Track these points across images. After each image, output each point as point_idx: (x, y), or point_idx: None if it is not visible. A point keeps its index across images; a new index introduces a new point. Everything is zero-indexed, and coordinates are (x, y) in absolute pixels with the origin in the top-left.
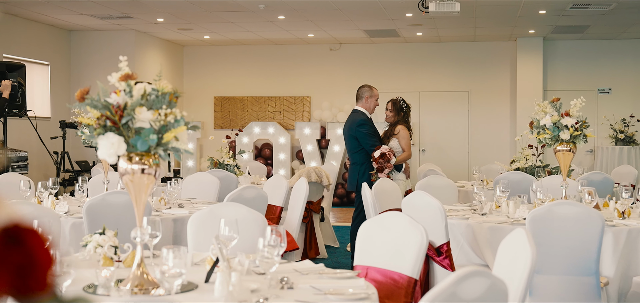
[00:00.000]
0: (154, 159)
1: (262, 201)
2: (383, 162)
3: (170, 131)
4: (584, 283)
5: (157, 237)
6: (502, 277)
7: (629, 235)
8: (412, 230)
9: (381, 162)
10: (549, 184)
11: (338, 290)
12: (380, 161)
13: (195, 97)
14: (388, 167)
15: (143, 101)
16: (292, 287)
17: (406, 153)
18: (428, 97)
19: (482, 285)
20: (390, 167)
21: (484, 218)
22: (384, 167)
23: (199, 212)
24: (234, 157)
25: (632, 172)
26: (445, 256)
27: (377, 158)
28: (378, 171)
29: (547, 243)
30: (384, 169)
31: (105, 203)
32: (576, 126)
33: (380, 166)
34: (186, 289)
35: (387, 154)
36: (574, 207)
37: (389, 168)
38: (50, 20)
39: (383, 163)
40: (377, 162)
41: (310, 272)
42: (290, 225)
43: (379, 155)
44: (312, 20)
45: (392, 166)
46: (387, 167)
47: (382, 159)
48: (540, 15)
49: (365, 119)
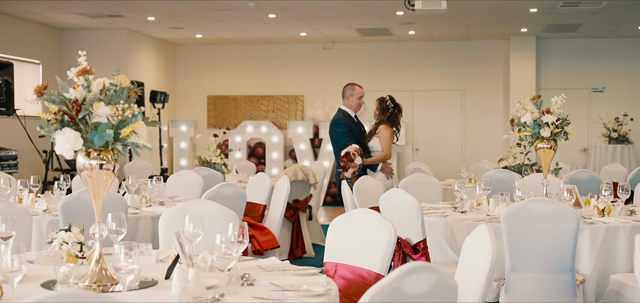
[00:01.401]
0: (112, 154)
1: (240, 199)
2: (346, 161)
3: (127, 126)
4: (560, 280)
5: (122, 233)
6: (464, 274)
7: (606, 232)
8: (380, 227)
9: (344, 161)
10: (532, 182)
11: (295, 287)
12: (343, 160)
13: (189, 97)
14: (352, 166)
15: (102, 96)
16: (253, 283)
17: (384, 153)
18: (421, 96)
19: (428, 281)
20: (355, 166)
21: (463, 215)
22: (348, 166)
23: (170, 209)
24: (224, 156)
25: (621, 171)
26: (421, 253)
27: (341, 157)
28: (343, 170)
29: (522, 241)
30: (348, 169)
31: (80, 201)
32: (557, 123)
33: (345, 166)
34: (146, 285)
35: (351, 154)
36: (549, 204)
37: (353, 168)
38: (41, 19)
39: (346, 162)
40: (341, 160)
41: (275, 268)
42: (271, 223)
43: (343, 154)
44: (303, 19)
45: (357, 166)
46: (351, 166)
47: (346, 158)
48: (532, 13)
49: (341, 118)
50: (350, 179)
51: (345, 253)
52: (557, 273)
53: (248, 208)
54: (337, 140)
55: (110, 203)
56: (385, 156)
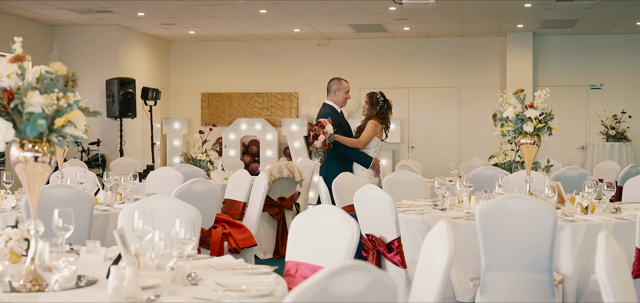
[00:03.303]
0: (48, 146)
1: (212, 197)
2: (317, 128)
3: (62, 116)
4: (537, 280)
5: (69, 230)
6: (422, 272)
7: (588, 230)
8: (342, 224)
9: (315, 129)
10: (516, 180)
11: (238, 286)
12: (314, 128)
13: (182, 94)
14: (323, 133)
15: (39, 84)
16: (197, 283)
17: (357, 140)
18: (417, 93)
19: (361, 281)
20: (326, 134)
21: (441, 213)
22: (319, 133)
23: (130, 205)
24: (217, 154)
25: (614, 168)
26: (396, 252)
27: (312, 126)
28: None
29: (497, 239)
30: (319, 136)
31: (44, 197)
32: (540, 118)
33: (315, 134)
34: (85, 285)
35: (323, 122)
36: (525, 201)
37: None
38: (30, 14)
39: (317, 130)
40: (312, 129)
41: (226, 267)
42: (249, 221)
43: (315, 123)
44: (295, 14)
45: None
46: (322, 133)
47: (317, 125)
48: (527, 8)
49: (329, 113)
50: (320, 148)
51: (307, 251)
52: (534, 273)
53: (228, 206)
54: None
55: (76, 199)
56: (358, 143)
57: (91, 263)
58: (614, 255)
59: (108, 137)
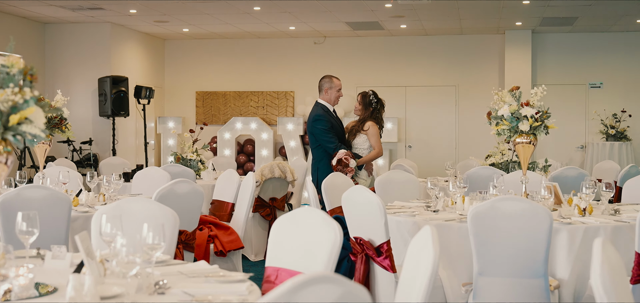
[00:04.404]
0: (4, 145)
1: (196, 197)
2: (341, 168)
3: (16, 113)
4: (532, 286)
5: (34, 235)
6: (406, 280)
7: (585, 233)
8: (324, 227)
9: (339, 168)
10: (513, 180)
11: (206, 296)
12: (338, 168)
13: (177, 92)
14: (349, 171)
15: None
16: (165, 292)
17: (376, 151)
18: (414, 91)
19: (330, 294)
20: (352, 171)
21: (434, 215)
22: (345, 172)
23: (104, 207)
24: (200, 153)
25: (614, 168)
26: (385, 256)
27: (335, 166)
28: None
29: (490, 243)
30: (347, 175)
31: (20, 198)
32: (536, 116)
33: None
34: (42, 294)
35: (344, 159)
36: (519, 203)
37: (350, 172)
38: (21, 12)
39: (342, 169)
40: (336, 169)
41: (199, 275)
42: (236, 222)
43: (336, 162)
44: (290, 11)
45: (353, 170)
46: (348, 171)
47: (340, 165)
48: (525, 5)
49: (321, 113)
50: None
51: (287, 257)
52: (529, 278)
53: (216, 206)
54: (316, 137)
55: (53, 200)
56: (377, 153)
57: (56, 270)
58: (610, 263)
59: (100, 136)
